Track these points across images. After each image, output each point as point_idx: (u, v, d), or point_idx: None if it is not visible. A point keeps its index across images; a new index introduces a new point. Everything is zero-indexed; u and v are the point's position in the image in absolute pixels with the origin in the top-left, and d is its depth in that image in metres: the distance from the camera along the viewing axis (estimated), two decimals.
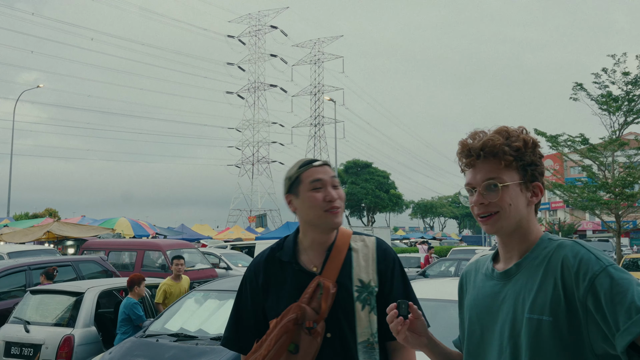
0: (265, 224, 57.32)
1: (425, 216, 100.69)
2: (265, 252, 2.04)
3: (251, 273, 2.02)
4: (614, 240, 22.71)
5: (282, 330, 1.81)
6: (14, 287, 8.70)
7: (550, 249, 1.41)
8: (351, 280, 1.90)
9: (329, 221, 1.89)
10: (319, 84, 78.45)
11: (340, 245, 1.95)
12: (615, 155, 19.85)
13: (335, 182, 1.94)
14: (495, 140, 1.45)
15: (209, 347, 4.65)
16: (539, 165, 1.48)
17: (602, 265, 1.30)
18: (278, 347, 1.79)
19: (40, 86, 39.26)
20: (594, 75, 19.53)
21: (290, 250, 1.96)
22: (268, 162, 77.47)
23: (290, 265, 1.94)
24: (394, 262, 1.98)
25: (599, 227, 49.33)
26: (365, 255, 1.96)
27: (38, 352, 6.27)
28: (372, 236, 2.04)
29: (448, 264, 16.25)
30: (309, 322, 1.82)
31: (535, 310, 1.36)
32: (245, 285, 2.03)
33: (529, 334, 1.36)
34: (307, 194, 1.90)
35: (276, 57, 76.74)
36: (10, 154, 32.85)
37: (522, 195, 1.46)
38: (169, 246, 13.12)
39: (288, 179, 1.98)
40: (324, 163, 1.96)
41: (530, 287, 1.40)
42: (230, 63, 78.66)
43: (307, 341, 1.81)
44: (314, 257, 1.94)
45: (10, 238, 18.03)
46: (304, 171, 1.93)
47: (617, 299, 1.25)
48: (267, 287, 1.95)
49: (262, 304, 1.96)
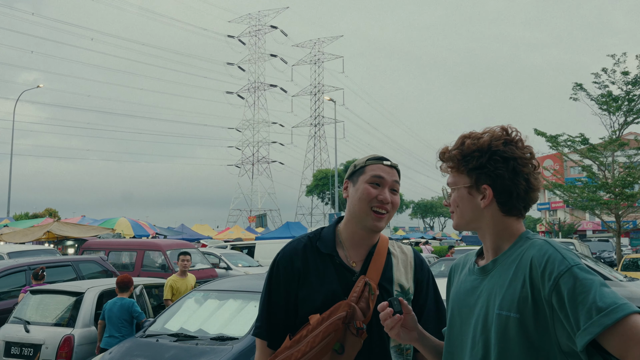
0: (265, 224, 57.32)
1: (425, 216, 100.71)
2: (302, 239, 1.95)
3: (286, 258, 1.90)
4: (614, 240, 22.71)
5: (331, 328, 1.71)
6: (14, 287, 8.70)
7: (524, 247, 1.46)
8: (392, 284, 1.87)
9: (370, 220, 1.85)
10: (319, 84, 78.49)
11: (382, 247, 1.92)
12: (615, 155, 19.86)
13: (396, 187, 1.90)
14: (445, 148, 1.60)
15: (209, 347, 4.65)
16: (489, 167, 1.50)
17: (568, 265, 1.33)
18: (324, 345, 1.70)
19: (40, 86, 39.27)
20: (594, 75, 19.54)
21: (330, 242, 1.90)
22: (268, 162, 77.53)
23: (330, 258, 1.87)
24: (429, 273, 1.99)
25: (599, 227, 49.34)
26: (404, 261, 1.95)
27: (38, 352, 6.26)
28: (408, 245, 2.05)
29: (448, 263, 16.28)
30: (360, 322, 1.74)
31: (504, 306, 1.41)
32: (279, 271, 1.89)
33: (498, 330, 1.41)
34: (364, 185, 1.86)
35: (276, 57, 76.81)
36: (10, 154, 32.88)
37: (472, 197, 1.55)
38: (169, 246, 13.12)
39: (354, 165, 1.95)
40: (394, 166, 1.92)
41: (501, 283, 1.45)
42: (230, 63, 78.72)
43: (353, 342, 1.74)
44: (353, 254, 1.89)
45: (10, 238, 18.03)
46: (372, 164, 1.90)
47: (579, 299, 1.28)
48: (305, 276, 1.85)
49: (295, 292, 1.85)
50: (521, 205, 1.52)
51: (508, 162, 1.50)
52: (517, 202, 1.51)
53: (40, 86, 39.31)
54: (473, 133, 1.57)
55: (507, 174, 1.49)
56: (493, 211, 1.53)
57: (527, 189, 1.51)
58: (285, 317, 1.86)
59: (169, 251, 12.65)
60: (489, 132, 1.55)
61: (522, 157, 1.51)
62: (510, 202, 1.51)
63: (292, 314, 1.85)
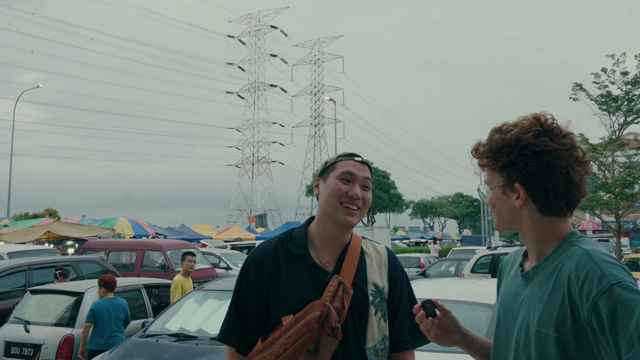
0: (265, 224, 57.33)
1: (425, 216, 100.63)
2: (272, 241, 1.91)
3: (256, 261, 1.85)
4: (614, 240, 22.71)
5: (305, 328, 1.67)
6: (14, 287, 8.70)
7: (565, 255, 1.33)
8: (366, 283, 1.84)
9: (341, 216, 1.81)
10: (319, 84, 78.48)
11: (354, 246, 1.89)
12: (615, 155, 19.86)
13: (367, 183, 1.87)
14: (478, 143, 1.47)
15: (209, 347, 4.65)
16: (520, 164, 1.36)
17: (608, 284, 1.19)
18: (298, 345, 1.66)
19: (40, 86, 39.27)
20: (594, 76, 19.54)
21: (301, 243, 1.86)
22: (268, 162, 77.52)
23: (302, 259, 1.83)
24: (402, 272, 1.96)
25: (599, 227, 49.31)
26: (377, 260, 1.92)
27: (38, 352, 6.27)
28: (381, 244, 2.02)
29: (448, 264, 16.28)
30: (335, 321, 1.71)
31: (542, 323, 1.30)
32: (249, 274, 1.85)
33: (538, 347, 1.31)
34: (333, 180, 1.83)
35: (276, 57, 76.80)
36: (10, 154, 32.88)
37: (507, 197, 1.42)
38: (169, 246, 13.12)
39: (325, 162, 1.93)
40: (365, 162, 1.89)
41: (540, 296, 1.34)
42: (230, 63, 78.72)
43: (328, 342, 1.70)
44: (325, 254, 1.86)
45: (10, 238, 18.03)
46: (342, 160, 1.88)
47: (620, 324, 1.15)
48: (276, 278, 1.81)
49: (266, 295, 1.81)
50: (562, 203, 1.36)
51: (540, 157, 1.33)
52: (557, 200, 1.35)
53: (41, 86, 39.32)
54: (504, 125, 1.42)
55: (540, 170, 1.33)
56: (530, 211, 1.39)
57: (567, 185, 1.34)
58: (255, 321, 1.82)
59: (169, 251, 12.64)
60: (519, 123, 1.40)
61: (558, 149, 1.34)
62: (548, 201, 1.35)
63: (262, 317, 1.82)
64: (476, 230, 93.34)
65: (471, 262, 13.04)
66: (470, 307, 4.40)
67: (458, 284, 6.17)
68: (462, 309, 4.27)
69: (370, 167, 1.92)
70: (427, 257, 20.73)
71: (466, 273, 12.78)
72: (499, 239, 47.15)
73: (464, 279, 8.49)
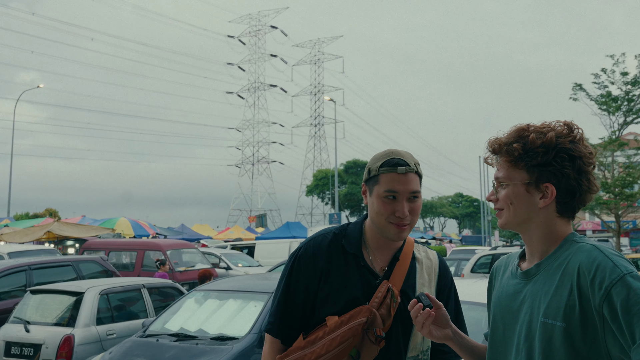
0: (265, 224, 57.34)
1: (425, 216, 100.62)
2: (327, 235, 1.84)
3: (309, 254, 1.80)
4: (614, 240, 22.72)
5: (350, 333, 1.64)
6: (14, 287, 8.70)
7: (570, 252, 1.40)
8: (414, 292, 1.79)
9: (392, 233, 1.76)
10: (319, 84, 78.51)
11: (407, 252, 1.84)
12: (614, 156, 19.87)
13: (415, 195, 1.77)
14: (503, 139, 1.48)
15: (209, 347, 4.65)
16: (555, 165, 1.41)
17: (620, 273, 1.26)
18: (341, 349, 1.63)
19: (41, 86, 39.30)
20: (594, 76, 19.55)
21: (356, 242, 1.81)
22: (268, 162, 77.55)
23: (355, 258, 1.79)
24: (452, 282, 1.92)
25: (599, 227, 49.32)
26: (428, 268, 1.87)
27: (38, 352, 6.27)
28: (433, 250, 1.97)
29: (448, 264, 16.27)
30: (379, 329, 1.67)
31: (549, 314, 1.35)
32: (299, 267, 1.79)
33: (543, 339, 1.35)
34: (378, 200, 1.75)
35: (276, 57, 76.83)
36: (10, 154, 32.90)
37: (529, 195, 1.45)
38: (169, 246, 13.13)
39: (368, 170, 1.81)
40: (409, 170, 1.75)
41: (546, 290, 1.39)
42: (230, 63, 78.74)
43: (369, 349, 1.67)
44: (378, 256, 1.81)
45: (11, 238, 18.04)
46: (385, 173, 1.75)
47: (634, 310, 1.21)
48: (327, 274, 1.76)
49: (315, 291, 1.77)
50: (580, 205, 1.46)
51: (575, 161, 1.41)
52: (577, 203, 1.45)
53: (41, 86, 39.35)
54: (533, 126, 1.47)
55: (573, 173, 1.41)
56: (549, 211, 1.45)
57: (588, 190, 1.44)
58: (301, 316, 1.78)
59: (169, 251, 12.66)
60: (553, 126, 1.46)
61: (587, 156, 1.43)
62: (571, 203, 1.44)
63: (309, 313, 1.78)
64: (476, 230, 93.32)
65: (471, 262, 13.06)
66: (470, 307, 4.39)
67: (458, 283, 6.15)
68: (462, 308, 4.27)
69: (418, 171, 1.80)
70: None
71: (466, 273, 12.79)
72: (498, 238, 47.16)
73: (464, 279, 8.49)
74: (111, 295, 6.91)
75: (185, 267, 12.75)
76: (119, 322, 6.74)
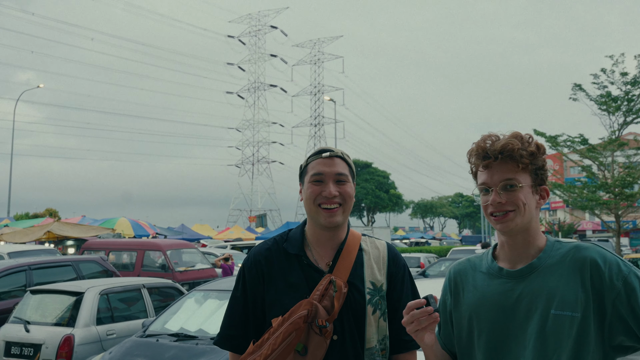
0: (265, 224, 57.35)
1: (425, 216, 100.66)
2: (268, 242, 1.90)
3: (250, 262, 1.85)
4: (614, 240, 22.72)
5: (292, 328, 1.64)
6: (14, 287, 8.70)
7: (565, 250, 1.54)
8: (363, 282, 1.81)
9: (322, 218, 1.79)
10: (319, 84, 78.46)
11: (351, 244, 1.85)
12: (614, 155, 19.87)
13: (341, 178, 1.81)
14: (514, 145, 1.55)
15: (209, 347, 4.66)
16: (546, 169, 1.60)
17: (629, 268, 1.47)
18: (285, 346, 1.63)
19: (41, 86, 39.29)
20: (593, 76, 19.54)
21: (298, 243, 1.84)
22: (268, 162, 77.47)
23: (297, 259, 1.81)
24: (404, 268, 1.91)
25: (599, 227, 49.31)
26: (376, 257, 1.88)
27: (38, 352, 6.27)
28: (382, 240, 1.96)
29: (448, 263, 16.31)
30: (322, 320, 1.67)
31: (565, 307, 1.47)
32: (244, 276, 1.85)
33: (556, 330, 1.46)
34: (307, 185, 1.82)
35: (276, 57, 76.74)
36: (10, 154, 32.89)
37: (533, 197, 1.58)
38: (169, 246, 13.12)
39: (300, 167, 1.91)
40: (334, 155, 1.84)
41: (553, 285, 1.50)
42: (230, 63, 78.69)
43: (317, 342, 1.67)
44: (322, 253, 1.83)
45: (11, 238, 18.04)
46: (311, 161, 1.85)
47: None
48: (270, 279, 1.80)
49: (262, 297, 1.80)
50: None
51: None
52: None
53: (41, 86, 39.34)
54: (523, 134, 1.61)
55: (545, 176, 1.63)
56: (538, 213, 1.61)
57: None
58: (253, 323, 1.81)
59: (169, 251, 12.65)
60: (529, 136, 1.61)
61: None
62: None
63: (260, 319, 1.80)
64: (476, 230, 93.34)
65: None
66: None
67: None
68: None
69: (345, 158, 1.86)
70: (427, 257, 20.73)
71: None
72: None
73: None
74: (111, 295, 6.92)
75: (185, 267, 12.75)
76: (119, 322, 6.74)
